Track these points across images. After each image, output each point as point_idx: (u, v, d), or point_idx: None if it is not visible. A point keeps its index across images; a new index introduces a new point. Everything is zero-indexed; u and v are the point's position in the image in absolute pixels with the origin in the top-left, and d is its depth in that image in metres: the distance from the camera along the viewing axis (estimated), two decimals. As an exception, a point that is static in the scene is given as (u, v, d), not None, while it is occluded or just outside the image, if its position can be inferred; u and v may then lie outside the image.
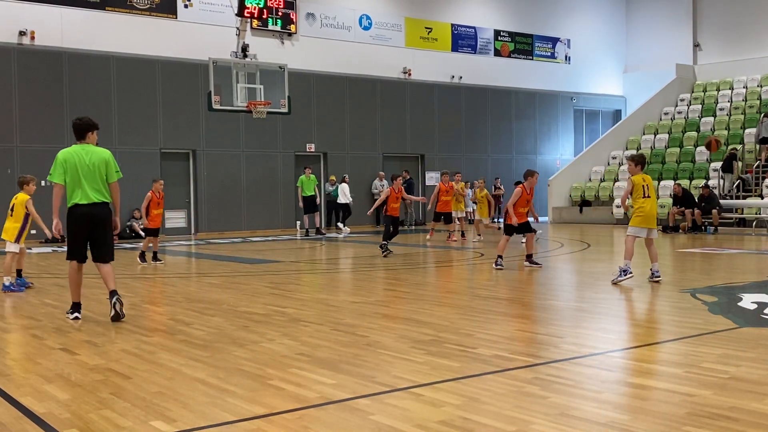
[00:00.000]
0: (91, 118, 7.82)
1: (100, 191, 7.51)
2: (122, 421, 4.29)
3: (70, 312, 7.75)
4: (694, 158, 25.42)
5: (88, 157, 7.48)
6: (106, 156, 7.58)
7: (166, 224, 22.18)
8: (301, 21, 24.31)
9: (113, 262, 7.77)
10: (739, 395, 4.59)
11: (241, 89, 17.36)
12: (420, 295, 9.47)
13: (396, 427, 4.10)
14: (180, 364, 5.68)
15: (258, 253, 15.99)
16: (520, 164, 29.14)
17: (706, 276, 11.22)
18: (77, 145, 7.63)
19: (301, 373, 5.33)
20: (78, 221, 7.50)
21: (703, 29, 30.89)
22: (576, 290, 10.05)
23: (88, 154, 7.50)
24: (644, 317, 7.68)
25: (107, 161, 7.56)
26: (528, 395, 4.66)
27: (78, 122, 7.72)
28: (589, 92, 32.10)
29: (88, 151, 7.54)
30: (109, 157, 7.61)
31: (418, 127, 27.00)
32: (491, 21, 29.13)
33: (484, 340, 6.36)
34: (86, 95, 20.65)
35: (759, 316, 7.45)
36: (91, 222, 7.52)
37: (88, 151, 7.54)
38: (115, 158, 7.78)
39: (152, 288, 10.62)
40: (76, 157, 7.47)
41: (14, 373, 5.51)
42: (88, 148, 7.57)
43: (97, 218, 7.52)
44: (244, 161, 23.31)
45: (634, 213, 10.02)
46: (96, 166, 7.48)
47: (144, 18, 21.62)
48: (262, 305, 8.56)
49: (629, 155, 11.29)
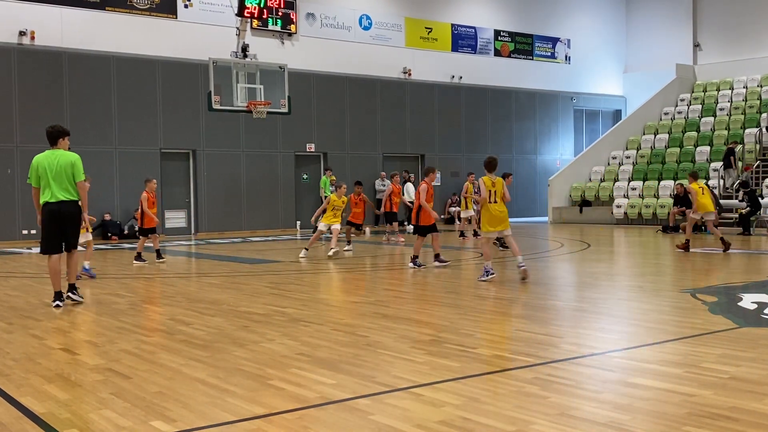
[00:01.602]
0: (62, 126, 8.90)
1: (66, 190, 8.48)
2: (122, 421, 4.29)
3: (53, 301, 8.63)
4: (694, 158, 25.42)
5: (56, 161, 8.48)
6: (73, 159, 8.57)
7: (166, 224, 22.21)
8: (301, 21, 24.31)
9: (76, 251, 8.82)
10: (739, 395, 4.59)
11: (241, 89, 17.36)
12: (420, 295, 9.47)
13: (396, 427, 4.10)
14: (180, 364, 5.68)
15: (258, 253, 15.99)
16: (520, 164, 29.15)
17: (706, 276, 11.22)
18: (48, 151, 8.65)
19: (301, 373, 5.33)
20: (48, 217, 8.49)
21: (703, 29, 30.89)
22: (576, 290, 10.05)
23: (56, 158, 8.50)
24: (644, 317, 7.68)
25: (73, 164, 8.53)
26: (528, 395, 4.66)
27: (50, 130, 8.73)
28: (589, 92, 32.10)
29: (57, 155, 8.55)
30: (75, 160, 8.59)
31: (418, 127, 27.00)
32: (491, 21, 29.13)
33: (484, 340, 6.36)
34: (86, 95, 20.66)
35: (759, 316, 7.45)
36: (60, 217, 8.49)
37: (57, 155, 8.55)
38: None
39: (152, 288, 10.62)
40: (46, 161, 8.50)
41: (14, 373, 5.51)
42: (56, 153, 8.58)
43: (64, 214, 8.50)
44: (244, 161, 23.31)
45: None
46: (63, 168, 8.46)
47: (144, 18, 21.62)
48: (262, 305, 8.56)
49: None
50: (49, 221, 8.48)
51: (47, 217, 8.47)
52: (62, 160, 8.49)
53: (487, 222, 10.50)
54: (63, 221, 8.51)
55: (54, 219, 8.47)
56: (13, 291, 10.30)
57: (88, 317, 8.05)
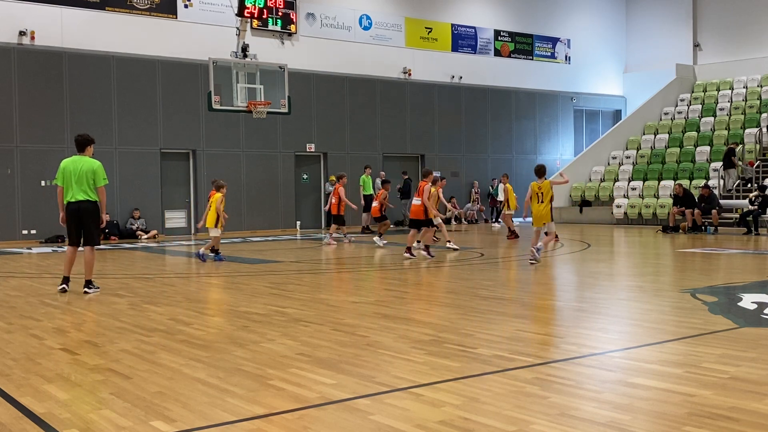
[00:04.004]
0: (89, 135, 9.99)
1: (85, 192, 9.60)
2: (122, 421, 4.29)
3: (60, 285, 9.93)
4: (694, 158, 25.43)
5: (80, 166, 9.60)
6: (95, 166, 9.67)
7: (166, 224, 22.21)
8: (301, 21, 24.31)
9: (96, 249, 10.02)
10: (739, 395, 4.59)
11: (241, 89, 17.35)
12: (420, 295, 9.47)
13: (396, 427, 4.10)
14: (180, 364, 5.68)
15: (258, 253, 15.99)
16: (520, 164, 29.15)
17: (706, 276, 11.22)
18: (75, 156, 9.80)
19: (301, 373, 5.33)
20: (69, 215, 9.70)
21: (703, 29, 30.89)
22: (576, 290, 10.05)
23: (80, 164, 9.63)
24: (644, 317, 7.68)
25: (95, 170, 9.64)
26: (528, 395, 4.66)
27: (79, 138, 9.88)
28: (589, 92, 32.10)
29: (82, 161, 9.67)
30: (97, 167, 9.68)
31: (418, 127, 27.00)
32: (491, 21, 29.13)
33: (484, 340, 6.36)
34: (86, 95, 20.66)
35: (759, 316, 7.45)
36: (78, 215, 9.64)
37: (82, 161, 9.67)
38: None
39: (152, 288, 10.61)
40: (72, 165, 9.65)
41: (14, 373, 5.51)
42: (82, 159, 9.70)
43: (82, 212, 9.64)
44: (244, 161, 23.31)
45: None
46: (84, 173, 9.58)
47: (144, 18, 21.62)
48: (262, 305, 8.57)
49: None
50: (69, 218, 9.68)
51: (68, 214, 9.68)
52: (85, 166, 9.62)
53: (534, 219, 12.66)
54: (80, 218, 9.65)
55: (73, 216, 9.65)
56: (13, 291, 10.30)
57: (88, 317, 8.05)
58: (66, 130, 19.92)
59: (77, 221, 9.67)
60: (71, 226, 9.74)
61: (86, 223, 9.69)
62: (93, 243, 9.82)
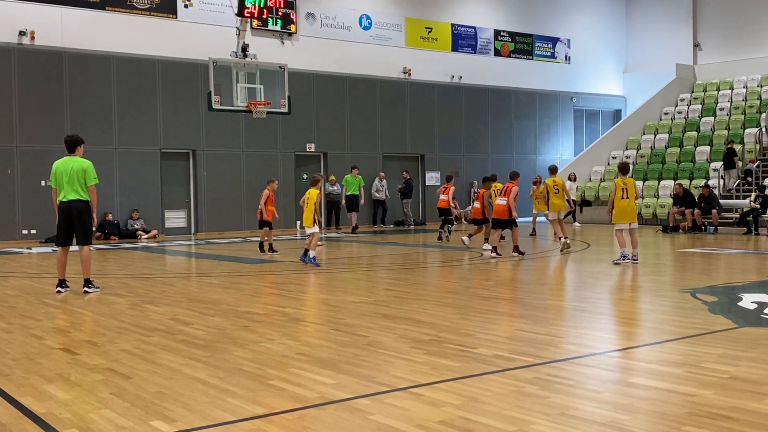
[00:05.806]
0: (79, 135, 10.16)
1: (76, 191, 9.68)
2: (122, 421, 4.29)
3: (56, 287, 9.94)
4: (694, 158, 25.42)
5: (71, 166, 9.70)
6: (85, 165, 9.75)
7: (167, 224, 22.20)
8: (301, 21, 24.30)
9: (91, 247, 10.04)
10: (739, 395, 4.59)
11: (241, 89, 17.34)
12: (420, 295, 9.48)
13: (396, 427, 4.10)
14: (180, 364, 5.68)
15: (258, 253, 15.98)
16: (520, 164, 29.11)
17: (706, 276, 11.22)
18: (66, 157, 9.86)
19: (301, 373, 5.33)
20: (61, 214, 9.77)
21: (703, 29, 30.88)
22: (576, 290, 10.05)
23: (71, 164, 9.73)
24: (644, 317, 7.68)
25: (85, 169, 9.73)
26: (528, 395, 4.66)
27: (69, 139, 9.99)
28: (589, 92, 32.10)
29: (72, 161, 9.77)
30: (87, 166, 9.76)
31: (418, 127, 26.99)
32: (491, 21, 29.12)
33: (484, 340, 6.36)
34: (86, 95, 20.65)
35: (759, 316, 7.45)
36: (69, 215, 9.73)
37: (72, 161, 9.77)
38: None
39: (152, 288, 10.61)
40: (62, 166, 9.75)
41: (14, 373, 5.51)
42: (72, 159, 9.79)
43: (73, 211, 9.72)
44: (244, 161, 23.30)
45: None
46: (75, 173, 9.67)
47: (144, 18, 21.61)
48: (262, 305, 8.57)
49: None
50: (61, 217, 9.78)
51: (60, 213, 9.77)
52: (76, 165, 9.71)
53: (618, 216, 12.42)
54: (71, 217, 9.72)
55: (64, 215, 9.74)
56: (13, 291, 10.31)
57: (88, 317, 8.05)
58: (66, 130, 19.87)
59: (69, 220, 9.75)
60: (62, 226, 9.82)
61: (78, 223, 9.76)
62: (87, 242, 9.89)
